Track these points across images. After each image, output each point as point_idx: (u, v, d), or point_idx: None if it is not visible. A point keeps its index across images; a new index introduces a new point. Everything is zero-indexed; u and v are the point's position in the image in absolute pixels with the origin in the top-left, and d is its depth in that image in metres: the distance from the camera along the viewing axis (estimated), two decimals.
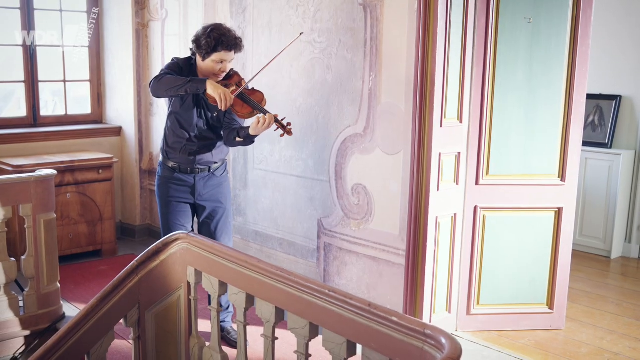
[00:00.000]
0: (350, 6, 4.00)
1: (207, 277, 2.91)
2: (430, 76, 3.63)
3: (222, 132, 3.71)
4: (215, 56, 3.49)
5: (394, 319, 2.07)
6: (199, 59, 3.57)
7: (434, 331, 1.95)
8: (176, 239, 3.03)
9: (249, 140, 3.55)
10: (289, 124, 3.47)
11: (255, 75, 3.72)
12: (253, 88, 3.63)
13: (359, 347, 2.25)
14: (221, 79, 3.59)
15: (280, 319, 2.62)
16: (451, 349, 1.84)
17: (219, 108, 3.42)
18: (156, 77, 3.56)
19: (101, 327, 2.98)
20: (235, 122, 3.65)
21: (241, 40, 3.56)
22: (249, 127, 3.49)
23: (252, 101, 3.51)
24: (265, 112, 3.44)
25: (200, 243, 2.93)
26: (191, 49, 3.64)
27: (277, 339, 2.69)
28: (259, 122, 3.40)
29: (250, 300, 2.74)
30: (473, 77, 3.84)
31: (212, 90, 3.40)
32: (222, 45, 3.46)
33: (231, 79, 3.61)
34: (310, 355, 2.51)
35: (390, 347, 2.10)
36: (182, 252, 3.01)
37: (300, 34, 3.98)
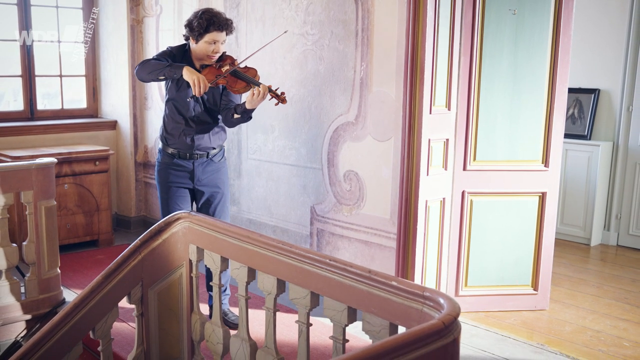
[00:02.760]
0: None
1: (209, 254, 3.01)
2: (419, 65, 3.78)
3: (219, 116, 3.84)
4: (207, 37, 3.63)
5: (394, 283, 2.18)
6: (192, 43, 3.72)
7: (432, 293, 2.05)
8: (178, 218, 3.14)
9: (246, 115, 3.69)
10: (282, 93, 3.61)
11: (245, 59, 3.86)
12: (246, 66, 3.77)
13: (359, 314, 2.34)
14: (215, 60, 3.73)
15: (281, 291, 2.72)
16: (449, 308, 1.93)
17: (193, 93, 3.56)
18: (142, 62, 3.75)
19: (106, 303, 3.07)
20: (232, 102, 3.79)
21: (232, 22, 3.73)
22: (244, 102, 3.64)
23: (245, 76, 3.66)
24: (258, 84, 3.59)
25: (202, 221, 3.04)
26: (184, 35, 3.78)
27: (278, 310, 2.81)
28: (253, 94, 3.56)
29: (251, 274, 2.84)
30: (460, 66, 4.01)
31: (188, 75, 3.54)
32: (214, 26, 3.61)
33: (224, 60, 3.76)
34: (311, 325, 2.63)
35: (390, 311, 2.20)
36: (184, 230, 3.11)
37: (285, 31, 4.16)
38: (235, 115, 3.69)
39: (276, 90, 3.61)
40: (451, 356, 1.89)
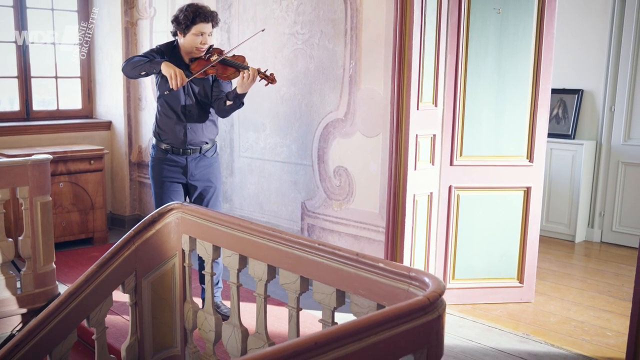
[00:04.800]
0: None
1: (201, 243, 3.08)
2: (407, 63, 3.88)
3: (211, 109, 3.94)
4: (194, 29, 3.75)
5: (381, 265, 2.25)
6: (180, 38, 3.83)
7: (418, 273, 2.12)
8: (171, 209, 3.20)
9: (238, 101, 3.78)
10: (272, 74, 3.73)
11: (232, 50, 3.96)
12: (234, 54, 3.88)
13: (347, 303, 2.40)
14: (204, 52, 3.83)
15: (271, 277, 2.78)
16: (434, 286, 1.99)
17: (170, 87, 3.66)
18: (127, 59, 3.89)
19: (100, 292, 3.12)
20: (223, 92, 3.89)
21: (217, 14, 3.85)
22: (236, 88, 3.74)
23: (234, 62, 3.77)
24: (247, 68, 3.70)
25: (195, 211, 3.11)
26: (172, 31, 3.89)
27: (268, 296, 2.88)
28: (243, 77, 3.66)
29: (242, 261, 2.91)
30: (447, 64, 4.11)
31: (165, 69, 3.66)
32: (200, 17, 3.74)
33: (213, 53, 3.87)
34: (301, 309, 2.70)
35: (377, 292, 2.26)
36: (177, 221, 3.18)
37: (262, 30, 4.26)
38: (228, 103, 3.79)
39: (265, 71, 3.72)
40: (436, 332, 1.94)
